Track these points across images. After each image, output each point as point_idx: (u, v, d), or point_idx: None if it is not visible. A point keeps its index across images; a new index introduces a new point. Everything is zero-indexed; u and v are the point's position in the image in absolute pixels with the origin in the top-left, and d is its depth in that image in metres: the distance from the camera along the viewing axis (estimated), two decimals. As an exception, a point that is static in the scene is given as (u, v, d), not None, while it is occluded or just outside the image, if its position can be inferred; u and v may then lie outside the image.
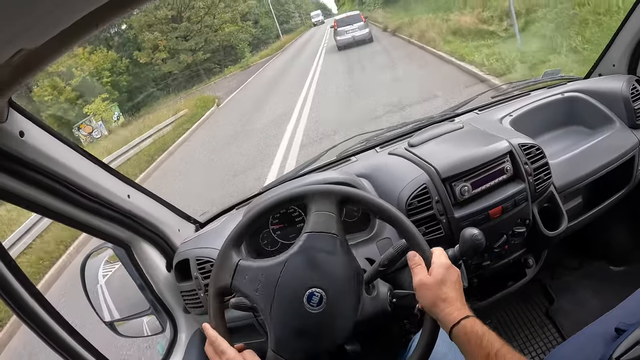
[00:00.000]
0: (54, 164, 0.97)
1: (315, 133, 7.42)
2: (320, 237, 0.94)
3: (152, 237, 1.32)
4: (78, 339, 0.98)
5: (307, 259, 0.93)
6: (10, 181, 0.89)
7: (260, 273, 0.93)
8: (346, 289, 0.93)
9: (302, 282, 0.91)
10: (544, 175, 1.34)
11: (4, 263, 0.85)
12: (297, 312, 0.89)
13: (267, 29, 43.04)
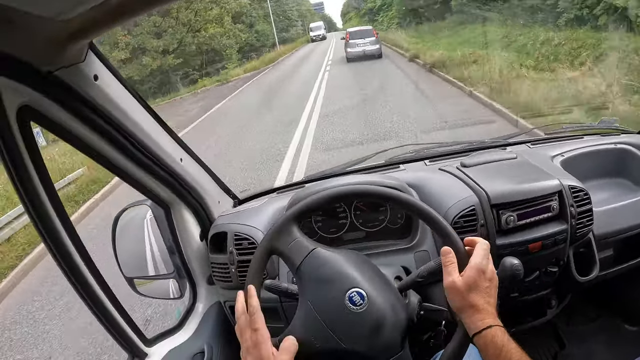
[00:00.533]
0: (120, 114, 0.98)
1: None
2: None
3: (193, 203, 1.33)
4: (104, 287, 0.99)
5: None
6: (74, 122, 0.90)
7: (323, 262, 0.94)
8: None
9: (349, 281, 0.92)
10: (586, 221, 1.33)
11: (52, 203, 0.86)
12: (338, 309, 0.89)
13: (264, 35, 36.27)
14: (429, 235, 1.32)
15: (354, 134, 7.29)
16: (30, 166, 0.81)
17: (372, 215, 1.40)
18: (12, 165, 0.79)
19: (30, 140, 0.81)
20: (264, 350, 0.83)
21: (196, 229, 1.37)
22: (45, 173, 0.85)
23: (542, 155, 1.57)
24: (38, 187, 0.83)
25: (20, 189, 0.81)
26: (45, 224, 0.85)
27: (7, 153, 0.78)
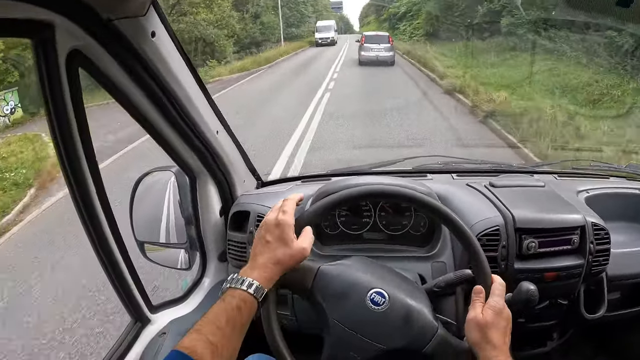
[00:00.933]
0: (170, 76, 0.98)
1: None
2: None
3: (219, 177, 1.33)
4: (121, 247, 0.99)
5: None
6: (122, 76, 0.91)
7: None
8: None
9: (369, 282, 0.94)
10: (602, 259, 1.33)
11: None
12: (364, 315, 0.90)
13: (270, 28, 29.52)
14: (448, 248, 1.31)
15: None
16: (70, 111, 0.81)
17: (396, 218, 1.40)
18: (53, 107, 0.78)
19: (75, 85, 0.81)
20: (286, 232, 0.85)
21: (217, 203, 1.37)
22: (84, 120, 0.85)
23: (568, 189, 1.56)
24: (74, 132, 0.83)
25: (57, 131, 0.80)
26: (74, 169, 0.85)
27: (51, 93, 0.77)
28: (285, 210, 0.88)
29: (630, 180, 1.77)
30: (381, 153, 6.44)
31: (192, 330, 0.72)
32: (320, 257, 1.31)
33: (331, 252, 1.35)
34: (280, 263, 0.83)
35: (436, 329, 0.91)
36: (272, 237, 0.85)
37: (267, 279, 0.81)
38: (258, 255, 0.84)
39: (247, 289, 0.78)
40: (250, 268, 0.83)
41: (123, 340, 1.08)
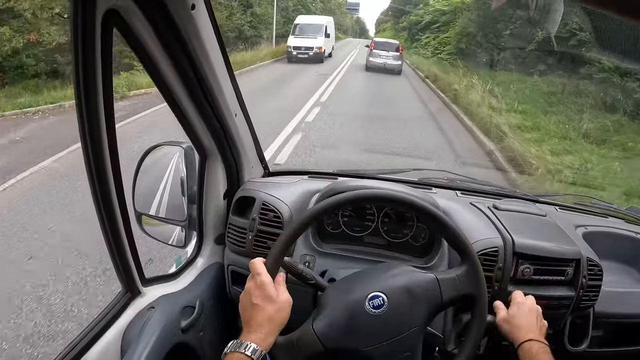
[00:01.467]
0: (201, 52, 0.98)
1: None
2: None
3: (229, 160, 1.33)
4: (124, 214, 0.97)
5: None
6: (155, 43, 0.90)
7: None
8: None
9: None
10: (592, 295, 1.34)
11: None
12: (369, 324, 0.92)
13: (263, 22, 22.75)
14: (445, 261, 1.33)
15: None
16: (99, 69, 0.79)
17: (398, 226, 1.40)
18: (82, 61, 0.77)
19: (107, 45, 0.79)
20: (269, 290, 0.89)
21: (223, 186, 1.36)
22: (110, 80, 0.83)
23: (568, 222, 1.58)
24: (98, 87, 0.81)
25: (81, 83, 0.78)
26: (91, 123, 0.83)
27: (83, 49, 0.75)
28: (259, 272, 0.91)
29: (629, 223, 1.79)
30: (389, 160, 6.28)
31: None
32: (318, 253, 1.32)
33: (329, 249, 1.35)
34: (273, 320, 0.88)
35: (435, 279, 0.96)
36: (257, 299, 0.89)
37: (263, 340, 0.85)
38: (250, 319, 0.88)
39: (245, 351, 0.82)
40: (246, 332, 0.87)
41: (112, 308, 1.07)
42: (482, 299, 0.97)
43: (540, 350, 0.96)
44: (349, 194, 1.00)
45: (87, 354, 0.96)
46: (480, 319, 0.97)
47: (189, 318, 1.21)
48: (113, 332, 1.03)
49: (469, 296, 0.98)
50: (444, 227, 1.00)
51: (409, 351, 0.91)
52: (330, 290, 1.01)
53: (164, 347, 1.08)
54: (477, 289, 0.97)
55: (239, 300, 0.93)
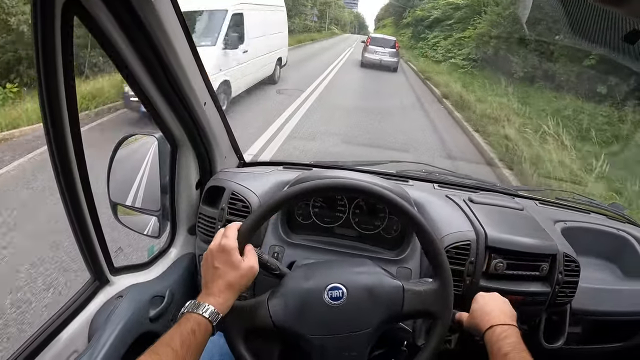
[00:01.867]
0: (165, 40, 0.98)
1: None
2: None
3: (201, 150, 1.32)
4: (89, 201, 0.97)
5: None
6: (117, 33, 0.90)
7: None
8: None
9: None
10: (568, 291, 1.33)
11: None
12: (323, 312, 0.91)
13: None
14: (417, 255, 1.32)
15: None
16: (59, 60, 0.80)
17: (369, 218, 1.40)
18: (42, 49, 0.77)
19: (67, 36, 0.79)
20: (232, 255, 0.88)
21: (195, 176, 1.36)
22: (71, 68, 0.83)
23: (547, 216, 1.57)
24: (59, 76, 0.81)
25: (42, 74, 0.79)
26: (53, 110, 0.83)
27: (43, 37, 0.76)
28: (227, 235, 0.90)
29: (611, 219, 1.78)
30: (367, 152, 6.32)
31: (149, 351, 0.75)
32: (287, 244, 1.31)
33: (299, 240, 1.34)
34: (232, 286, 0.86)
35: (401, 287, 0.93)
36: (219, 262, 0.87)
37: (221, 304, 0.84)
38: (209, 282, 0.87)
39: (202, 312, 0.81)
40: (205, 294, 0.86)
41: (79, 297, 1.07)
42: (444, 321, 0.94)
43: (502, 335, 0.92)
44: (319, 181, 1.00)
45: (54, 341, 0.96)
46: (438, 339, 0.94)
47: (158, 307, 1.21)
48: (80, 321, 1.03)
49: (431, 314, 0.95)
50: (418, 227, 0.98)
51: (356, 351, 0.90)
52: (294, 272, 1.00)
53: (130, 336, 1.08)
54: (442, 310, 0.95)
55: (202, 263, 0.92)
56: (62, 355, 0.96)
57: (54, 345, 0.95)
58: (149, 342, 1.10)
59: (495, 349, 0.90)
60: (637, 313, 1.49)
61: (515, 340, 0.91)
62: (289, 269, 1.07)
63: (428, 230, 0.96)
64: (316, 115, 8.19)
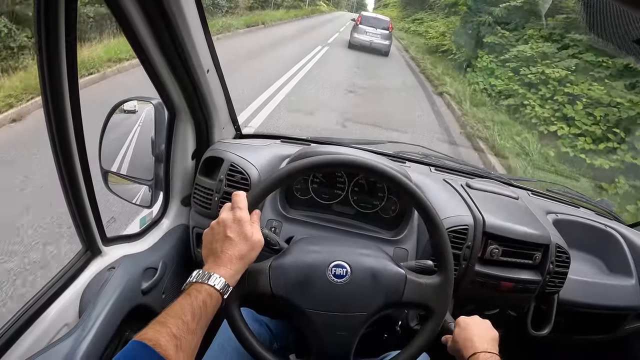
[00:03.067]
0: (174, 3, 0.91)
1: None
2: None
3: (199, 118, 1.28)
4: (85, 170, 0.93)
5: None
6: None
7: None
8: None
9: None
10: (558, 281, 1.36)
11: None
12: (325, 287, 0.89)
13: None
14: (414, 236, 1.32)
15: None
16: (62, 18, 0.74)
17: (368, 197, 1.39)
18: (44, 11, 0.71)
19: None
20: (246, 227, 0.85)
21: (192, 145, 1.33)
22: (74, 27, 0.77)
23: (539, 207, 1.59)
24: (60, 40, 0.76)
25: (43, 31, 0.73)
26: (52, 72, 0.78)
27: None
28: (240, 207, 0.87)
29: (599, 215, 1.82)
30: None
31: (156, 322, 0.70)
32: (285, 219, 1.30)
33: (297, 215, 1.33)
34: (244, 257, 0.84)
35: (404, 276, 0.92)
36: (233, 233, 0.84)
37: (232, 275, 0.82)
38: (221, 251, 0.83)
39: (214, 284, 0.78)
40: (215, 264, 0.82)
41: (70, 267, 1.03)
42: (439, 315, 0.94)
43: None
44: (331, 156, 0.97)
45: (43, 314, 0.92)
46: (430, 333, 0.94)
47: (151, 280, 1.18)
48: (71, 292, 0.99)
49: (428, 308, 0.94)
50: (429, 216, 0.96)
51: (348, 332, 0.89)
52: (300, 243, 0.98)
53: (122, 309, 1.06)
54: (439, 306, 0.94)
55: (205, 231, 0.89)
56: (53, 329, 0.93)
57: (44, 319, 0.91)
58: (142, 315, 1.08)
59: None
60: (620, 308, 1.53)
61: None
62: (287, 244, 1.04)
63: (438, 219, 0.95)
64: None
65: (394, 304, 0.91)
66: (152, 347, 0.65)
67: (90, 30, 8.11)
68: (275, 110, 6.38)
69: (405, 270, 0.94)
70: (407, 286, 0.91)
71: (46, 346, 0.89)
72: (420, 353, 0.94)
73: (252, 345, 0.88)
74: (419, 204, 0.95)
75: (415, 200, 0.95)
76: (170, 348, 0.67)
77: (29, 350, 0.86)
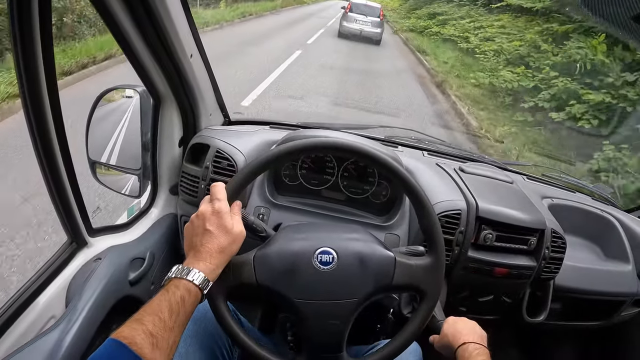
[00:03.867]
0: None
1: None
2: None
3: (185, 105, 1.26)
4: (66, 160, 0.91)
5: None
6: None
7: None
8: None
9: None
10: (554, 267, 1.35)
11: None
12: (311, 276, 0.87)
13: None
14: (405, 222, 1.31)
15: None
16: (35, 10, 0.72)
17: (358, 182, 1.38)
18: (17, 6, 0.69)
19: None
20: (226, 219, 0.83)
21: (178, 133, 1.31)
22: (49, 17, 0.76)
23: (534, 192, 1.58)
24: (36, 41, 0.74)
25: (16, 20, 0.71)
26: (27, 59, 0.75)
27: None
28: (219, 198, 0.85)
29: (596, 200, 1.80)
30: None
31: (133, 320, 0.69)
32: (273, 205, 1.28)
33: (285, 202, 1.32)
34: (225, 250, 0.82)
35: (394, 259, 0.90)
36: (212, 226, 0.82)
37: (212, 270, 0.80)
38: (200, 245, 0.81)
39: (193, 279, 0.76)
40: (195, 259, 0.80)
41: (55, 259, 1.02)
42: (431, 298, 0.91)
43: (475, 352, 0.92)
44: (312, 140, 0.94)
45: (30, 307, 0.91)
46: (423, 316, 0.92)
47: (138, 270, 1.17)
48: (57, 285, 0.98)
49: (420, 290, 0.92)
50: (416, 197, 0.93)
51: (339, 320, 0.87)
52: (283, 232, 0.95)
53: (109, 300, 1.05)
54: (431, 287, 0.91)
55: (186, 225, 0.87)
56: (40, 321, 0.92)
57: (30, 311, 0.90)
58: (129, 306, 1.07)
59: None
60: (617, 294, 1.52)
61: (486, 359, 0.91)
62: (275, 231, 1.02)
63: (426, 201, 0.92)
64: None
65: (384, 289, 0.89)
66: (128, 346, 0.64)
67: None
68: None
69: (395, 253, 0.91)
70: (397, 269, 0.89)
71: (32, 338, 0.88)
72: (415, 337, 0.92)
73: (243, 340, 0.87)
74: (405, 185, 0.92)
75: (401, 181, 0.92)
76: (146, 346, 0.65)
77: (17, 343, 0.86)
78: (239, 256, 0.88)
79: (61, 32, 7.04)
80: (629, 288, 1.53)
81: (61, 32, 7.04)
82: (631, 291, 1.54)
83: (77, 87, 5.95)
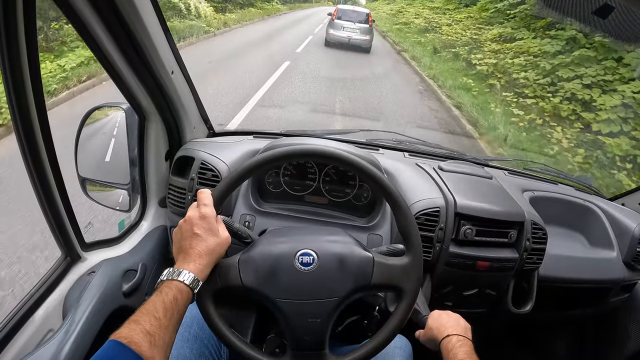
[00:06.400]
0: (130, 7, 0.94)
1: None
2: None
3: (169, 120, 1.30)
4: (57, 177, 0.95)
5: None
6: (84, 5, 0.86)
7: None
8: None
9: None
10: (536, 258, 1.38)
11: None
12: (293, 276, 0.90)
13: None
14: (387, 222, 1.34)
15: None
16: (21, 21, 0.75)
17: (340, 186, 1.41)
18: (4, 18, 0.73)
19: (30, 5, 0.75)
20: (212, 224, 0.88)
21: (164, 147, 1.34)
22: (34, 31, 0.79)
23: (515, 186, 1.61)
24: (22, 48, 0.77)
25: (3, 36, 0.74)
26: (15, 78, 0.79)
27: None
28: (205, 204, 0.90)
29: (578, 190, 1.83)
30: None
31: (130, 321, 0.73)
32: (258, 213, 1.32)
33: (270, 208, 1.35)
34: (213, 252, 0.86)
35: (372, 259, 0.93)
36: (199, 229, 0.87)
37: (201, 270, 0.84)
38: (189, 248, 0.86)
39: (184, 280, 0.80)
40: (184, 261, 0.84)
41: (51, 274, 1.05)
42: (410, 295, 0.94)
43: (458, 344, 0.96)
44: (289, 147, 0.97)
45: (28, 322, 0.94)
46: (403, 313, 0.93)
47: (131, 282, 1.20)
48: (53, 299, 1.01)
49: (399, 289, 0.94)
50: (390, 197, 0.96)
51: (320, 318, 0.90)
52: (267, 235, 0.99)
53: (104, 311, 1.07)
54: (409, 286, 0.94)
55: (174, 231, 0.91)
56: (38, 334, 0.95)
57: (28, 326, 0.94)
58: (124, 317, 1.09)
59: (451, 356, 0.94)
60: (601, 281, 1.55)
61: (469, 350, 0.95)
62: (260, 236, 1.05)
63: (401, 202, 0.95)
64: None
65: (363, 288, 0.92)
66: (127, 345, 0.67)
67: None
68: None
69: (374, 253, 0.95)
70: (375, 269, 0.92)
71: (31, 351, 0.91)
72: (396, 333, 0.94)
73: (230, 339, 0.90)
74: (380, 187, 0.96)
75: (376, 184, 0.96)
76: (144, 345, 0.69)
77: (17, 356, 0.89)
78: (225, 259, 0.91)
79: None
80: (615, 274, 1.56)
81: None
82: (618, 277, 1.56)
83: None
